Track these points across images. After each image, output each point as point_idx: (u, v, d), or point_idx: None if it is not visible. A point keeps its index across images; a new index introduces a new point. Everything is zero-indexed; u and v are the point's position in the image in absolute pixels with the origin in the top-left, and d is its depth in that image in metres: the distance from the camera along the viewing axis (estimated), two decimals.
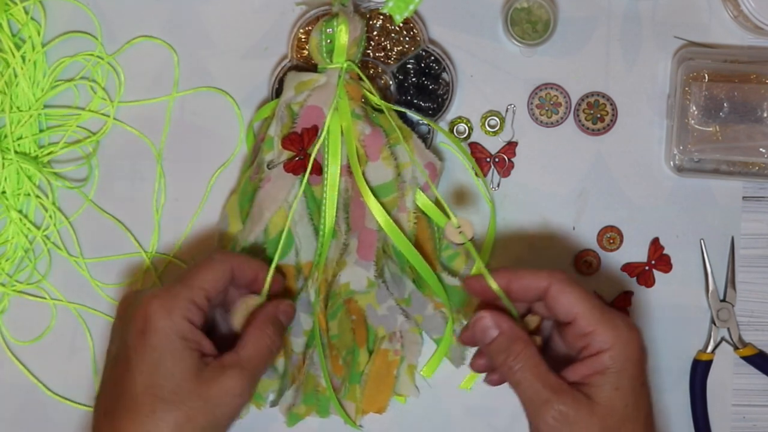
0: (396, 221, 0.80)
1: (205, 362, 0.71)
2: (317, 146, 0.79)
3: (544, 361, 0.70)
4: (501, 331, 0.71)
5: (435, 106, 0.84)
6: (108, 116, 0.85)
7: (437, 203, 0.82)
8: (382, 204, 0.80)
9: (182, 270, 0.75)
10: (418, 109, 0.84)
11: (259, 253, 0.81)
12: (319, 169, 0.79)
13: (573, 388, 0.69)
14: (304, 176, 0.79)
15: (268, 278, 0.76)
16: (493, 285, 0.72)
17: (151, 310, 0.70)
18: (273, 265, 0.77)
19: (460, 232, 0.76)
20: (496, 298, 0.73)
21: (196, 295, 0.72)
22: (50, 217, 0.85)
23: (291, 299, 0.81)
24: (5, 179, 0.83)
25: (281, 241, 0.78)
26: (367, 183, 0.79)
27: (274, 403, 0.83)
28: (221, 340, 0.75)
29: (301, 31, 0.84)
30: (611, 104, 0.85)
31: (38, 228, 0.85)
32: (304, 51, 0.84)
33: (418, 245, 0.81)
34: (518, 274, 0.72)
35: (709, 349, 0.85)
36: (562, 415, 0.67)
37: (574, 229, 0.86)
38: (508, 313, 0.73)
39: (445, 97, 0.84)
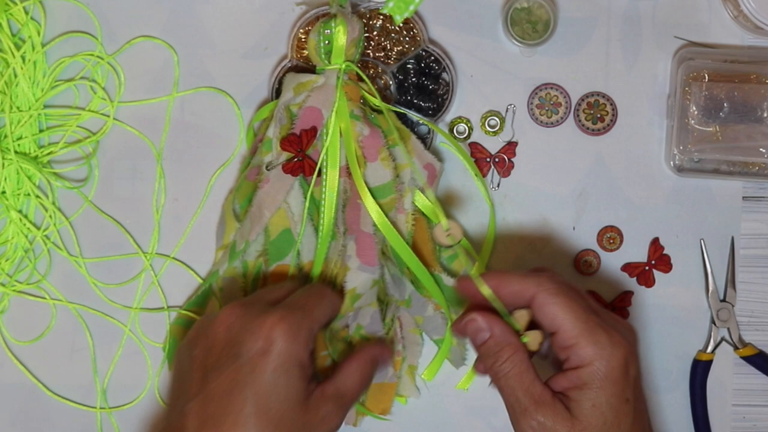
0: (394, 222, 0.80)
1: (310, 390, 0.71)
2: (324, 148, 0.79)
3: (532, 369, 0.71)
4: (492, 335, 0.72)
5: (435, 106, 0.84)
6: (108, 116, 0.85)
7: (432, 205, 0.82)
8: (380, 205, 0.80)
9: (297, 292, 0.75)
10: (418, 110, 0.84)
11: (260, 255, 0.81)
12: (318, 171, 0.79)
13: (555, 398, 0.69)
14: (304, 177, 0.79)
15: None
16: (485, 290, 0.72)
17: (277, 332, 0.69)
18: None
19: (448, 235, 0.77)
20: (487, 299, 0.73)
21: (315, 326, 0.72)
22: (50, 217, 0.85)
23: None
24: (5, 179, 0.83)
25: (319, 242, 0.80)
26: (366, 184, 0.79)
27: None
28: None
29: (301, 31, 0.84)
30: (611, 104, 0.85)
31: (38, 228, 0.85)
32: (304, 51, 0.84)
33: (417, 246, 0.81)
34: (507, 280, 0.72)
35: (709, 349, 0.85)
36: (540, 425, 0.69)
37: (574, 229, 0.86)
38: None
39: (445, 97, 0.84)
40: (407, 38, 0.84)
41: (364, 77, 0.81)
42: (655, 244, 0.85)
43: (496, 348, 0.71)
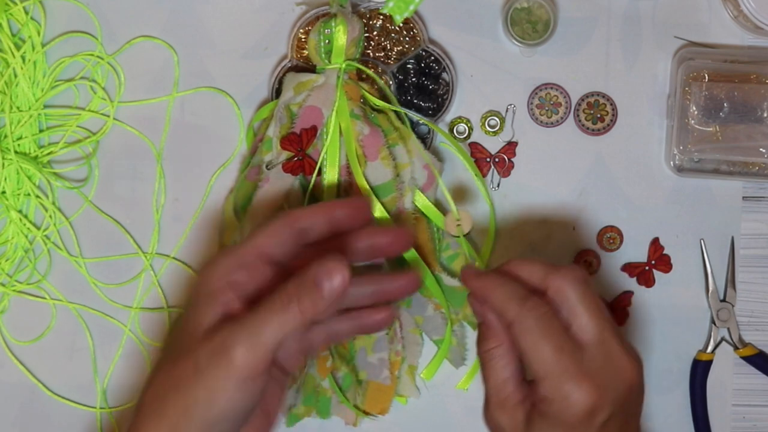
0: (395, 220, 0.80)
1: (225, 326, 0.66)
2: (324, 148, 0.79)
3: (511, 366, 0.69)
4: (483, 321, 0.71)
5: (435, 106, 0.84)
6: (108, 116, 0.85)
7: (436, 204, 0.82)
8: (381, 204, 0.80)
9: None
10: (418, 109, 0.84)
11: None
12: (319, 170, 0.80)
13: (521, 405, 0.68)
14: (305, 177, 0.79)
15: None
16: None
17: (201, 269, 0.70)
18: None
19: (458, 225, 0.78)
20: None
21: (246, 255, 0.68)
22: (50, 217, 0.85)
23: None
24: (5, 179, 0.83)
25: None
26: (367, 183, 0.79)
27: None
28: None
29: (301, 31, 0.84)
30: (611, 104, 0.85)
31: (38, 228, 0.85)
32: (304, 51, 0.84)
33: (417, 246, 0.81)
34: (491, 295, 0.69)
35: (709, 349, 0.85)
36: (495, 423, 0.69)
37: (574, 229, 0.86)
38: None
39: (445, 97, 0.84)
40: (407, 38, 0.84)
41: (370, 73, 0.81)
42: (655, 244, 0.85)
43: (484, 336, 0.71)
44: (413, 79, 0.84)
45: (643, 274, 0.85)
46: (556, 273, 0.69)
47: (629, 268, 0.85)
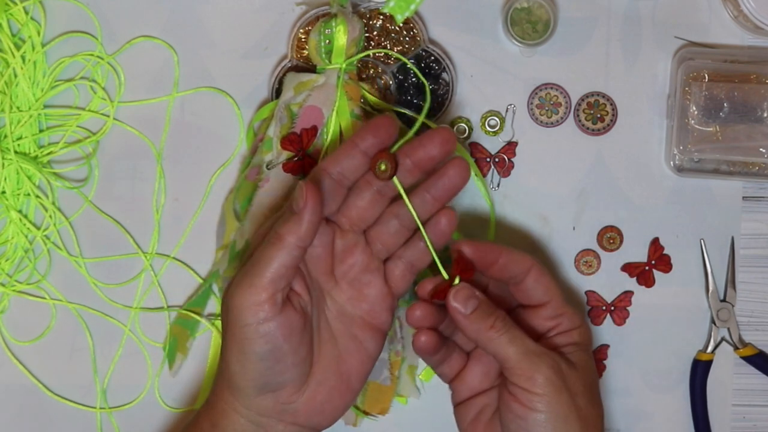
0: None
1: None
2: (324, 147, 0.79)
3: (520, 329, 0.73)
4: (480, 301, 0.72)
5: (435, 106, 0.84)
6: (108, 116, 0.85)
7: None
8: None
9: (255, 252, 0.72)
10: (418, 109, 0.84)
11: None
12: None
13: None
14: (305, 177, 0.79)
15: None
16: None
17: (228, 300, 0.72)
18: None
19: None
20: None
21: (266, 289, 0.70)
22: (50, 217, 0.85)
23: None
24: (5, 179, 0.83)
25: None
26: None
27: None
28: None
29: (301, 31, 0.84)
30: (611, 104, 0.85)
31: (38, 228, 0.85)
32: (304, 51, 0.84)
33: None
34: (507, 250, 0.74)
35: (709, 349, 0.85)
36: (557, 364, 0.71)
37: (574, 229, 0.86)
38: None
39: (445, 97, 0.84)
40: (407, 38, 0.84)
41: (368, 72, 0.81)
42: (655, 244, 0.85)
43: (491, 310, 0.72)
44: (413, 79, 0.84)
45: (643, 274, 0.85)
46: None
47: (629, 268, 0.85)
